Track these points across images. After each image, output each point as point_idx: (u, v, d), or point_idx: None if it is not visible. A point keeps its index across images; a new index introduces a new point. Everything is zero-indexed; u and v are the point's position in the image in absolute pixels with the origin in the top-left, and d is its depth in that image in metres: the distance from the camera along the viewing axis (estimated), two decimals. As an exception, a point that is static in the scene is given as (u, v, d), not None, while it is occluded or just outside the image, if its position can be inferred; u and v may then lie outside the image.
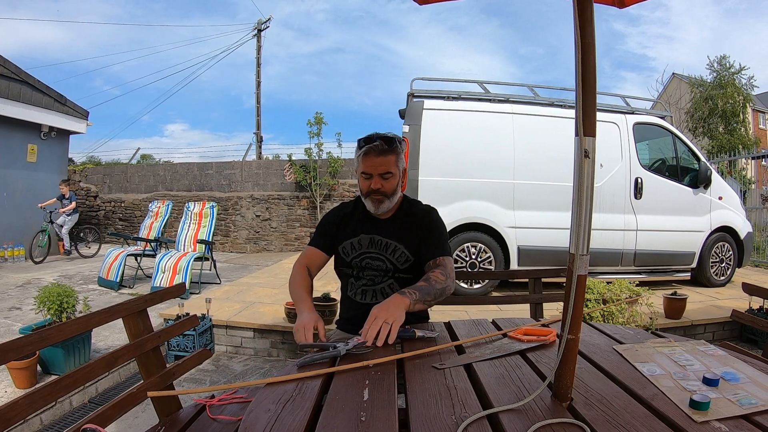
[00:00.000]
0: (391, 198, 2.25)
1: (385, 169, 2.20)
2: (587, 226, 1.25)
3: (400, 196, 2.39)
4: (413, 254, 2.26)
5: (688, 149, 7.12)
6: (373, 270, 2.29)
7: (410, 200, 2.45)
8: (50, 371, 3.90)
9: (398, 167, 2.25)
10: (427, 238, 2.27)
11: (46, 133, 10.91)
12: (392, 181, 2.22)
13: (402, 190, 2.37)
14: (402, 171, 2.30)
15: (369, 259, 2.30)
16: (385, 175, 2.20)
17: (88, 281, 7.93)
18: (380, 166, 2.20)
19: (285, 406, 1.27)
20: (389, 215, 2.35)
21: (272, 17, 18.26)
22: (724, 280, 7.26)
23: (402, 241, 2.27)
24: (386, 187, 2.21)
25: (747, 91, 19.63)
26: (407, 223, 2.31)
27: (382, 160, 2.20)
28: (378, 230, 2.31)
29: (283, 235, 12.56)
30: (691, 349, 1.69)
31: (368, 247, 2.31)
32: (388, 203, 2.25)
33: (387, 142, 2.20)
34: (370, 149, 2.19)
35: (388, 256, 2.27)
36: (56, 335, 1.62)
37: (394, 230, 2.30)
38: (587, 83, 1.24)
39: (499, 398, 1.29)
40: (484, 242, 6.34)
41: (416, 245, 2.27)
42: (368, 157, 2.21)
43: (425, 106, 6.45)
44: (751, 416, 1.20)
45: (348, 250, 2.34)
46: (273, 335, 4.97)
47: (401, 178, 2.30)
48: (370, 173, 2.22)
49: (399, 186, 2.28)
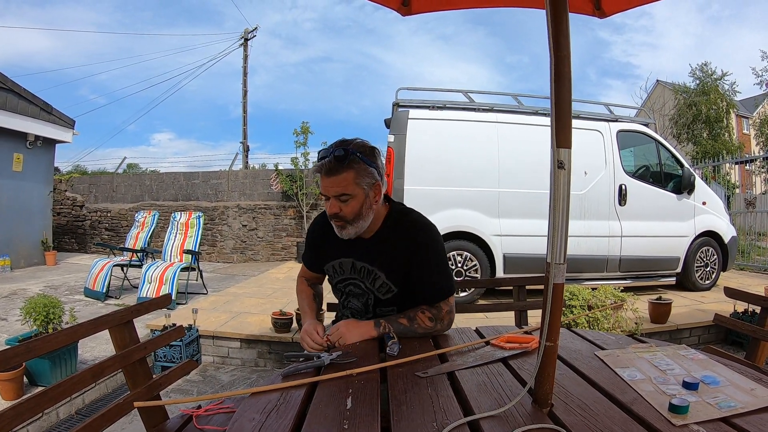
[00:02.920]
0: (355, 223, 1.92)
1: (340, 191, 1.87)
2: (563, 235, 1.27)
3: (384, 210, 2.07)
4: (396, 284, 2.00)
5: (672, 155, 7.21)
6: (355, 298, 2.13)
7: (399, 213, 2.09)
8: (37, 383, 3.87)
9: (360, 185, 1.88)
10: (420, 273, 1.98)
11: (32, 142, 10.81)
12: (352, 203, 1.88)
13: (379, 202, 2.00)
14: (371, 187, 1.91)
15: (351, 286, 2.12)
16: (341, 197, 1.87)
17: (74, 292, 7.86)
18: (332, 186, 1.87)
19: (269, 415, 1.28)
20: (371, 235, 2.04)
21: (259, 26, 18.27)
22: (709, 284, 7.33)
23: (383, 268, 1.99)
24: (345, 211, 1.89)
25: (730, 97, 19.85)
26: (391, 245, 2.00)
27: (333, 181, 1.86)
28: (359, 253, 2.05)
29: (269, 245, 12.52)
30: (672, 354, 1.71)
31: (350, 272, 2.10)
32: (353, 228, 1.94)
33: (339, 157, 1.83)
34: (319, 167, 1.88)
35: (369, 285, 2.05)
36: (43, 346, 1.62)
37: (375, 253, 2.02)
38: (562, 96, 1.26)
39: (480, 405, 1.31)
40: (469, 250, 6.37)
41: (401, 273, 1.99)
42: (321, 176, 1.89)
43: (410, 115, 6.49)
44: (730, 419, 1.22)
45: (332, 273, 2.18)
46: (260, 345, 4.96)
47: (370, 196, 1.92)
48: (326, 195, 1.92)
49: (366, 208, 1.92)
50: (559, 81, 1.27)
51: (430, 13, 2.34)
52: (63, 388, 1.61)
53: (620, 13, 2.21)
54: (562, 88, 1.27)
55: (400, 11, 2.23)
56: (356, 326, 1.94)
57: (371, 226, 1.99)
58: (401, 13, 2.24)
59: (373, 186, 1.92)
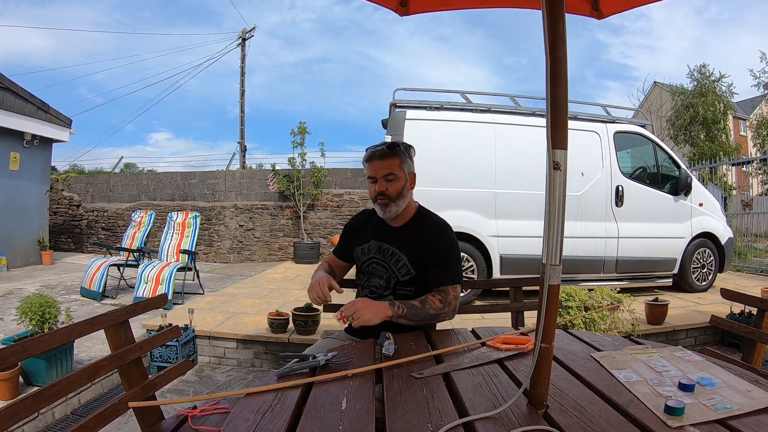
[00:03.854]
0: (397, 201, 2.30)
1: (387, 171, 2.27)
2: (559, 236, 1.27)
3: (415, 206, 2.47)
4: (415, 267, 2.29)
5: (669, 157, 7.21)
6: (377, 278, 2.38)
7: (425, 211, 2.49)
8: (32, 383, 3.86)
9: (403, 170, 2.30)
10: (434, 261, 2.28)
11: (28, 141, 10.77)
12: (396, 183, 2.28)
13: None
14: (409, 175, 2.35)
15: (375, 264, 2.40)
16: (388, 176, 2.27)
17: (70, 291, 7.84)
18: (382, 168, 2.27)
19: (264, 416, 1.28)
20: (402, 223, 2.40)
21: (257, 26, 18.18)
22: (706, 286, 7.34)
23: (406, 252, 2.30)
24: (390, 190, 2.27)
25: (727, 99, 19.86)
26: (417, 234, 2.34)
27: (384, 163, 2.28)
28: (387, 238, 2.38)
29: (266, 245, 12.49)
30: (668, 356, 1.71)
31: (376, 253, 2.39)
32: (395, 206, 2.30)
33: (389, 146, 2.30)
34: (372, 154, 2.30)
35: (392, 266, 2.33)
36: (38, 346, 1.61)
37: (402, 239, 2.34)
38: (557, 97, 1.26)
39: (475, 406, 1.31)
40: (466, 251, 6.35)
41: (420, 259, 2.29)
42: (371, 161, 2.30)
43: (407, 116, 6.47)
44: (726, 420, 1.23)
45: (359, 255, 2.47)
46: (256, 346, 4.96)
47: (408, 182, 2.34)
48: (374, 177, 2.30)
49: (406, 190, 2.32)
50: (555, 82, 1.27)
51: (429, 14, 2.35)
52: (58, 387, 1.61)
53: (618, 14, 2.22)
54: (558, 89, 1.27)
55: (398, 11, 2.24)
56: (372, 304, 2.10)
57: (403, 215, 2.39)
58: (399, 14, 2.25)
59: (411, 174, 2.38)
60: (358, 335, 2.31)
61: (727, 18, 67.86)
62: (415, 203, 2.47)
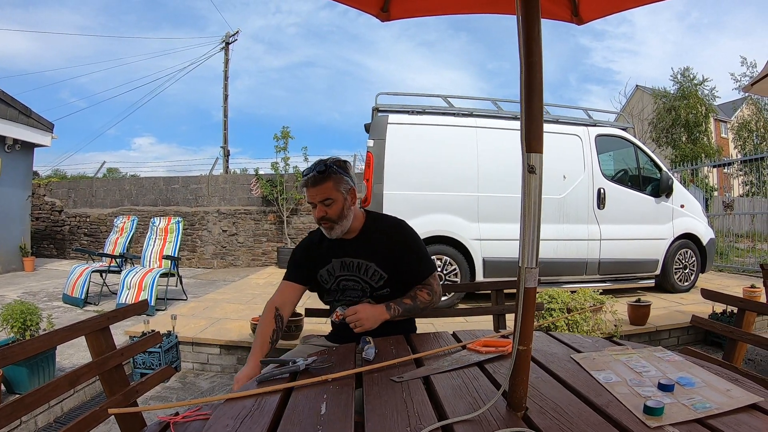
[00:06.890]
0: (340, 222, 2.29)
1: (324, 196, 2.26)
2: (535, 240, 1.28)
3: (362, 214, 2.45)
4: (387, 271, 2.31)
5: (650, 159, 7.28)
6: (352, 290, 2.36)
7: (375, 216, 2.50)
8: (14, 391, 3.80)
9: (339, 191, 2.28)
10: (407, 258, 2.33)
11: (10, 146, 10.65)
12: (334, 206, 2.27)
13: (366, 204, 2.43)
14: (348, 193, 2.31)
15: (344, 281, 2.37)
16: (325, 201, 2.26)
17: (52, 298, 7.75)
18: (318, 194, 2.27)
19: (243, 422, 1.28)
20: (354, 235, 2.39)
21: (240, 31, 18.10)
22: (688, 286, 7.40)
23: (372, 259, 2.32)
24: (330, 213, 2.27)
25: (709, 102, 20.13)
26: (375, 240, 2.35)
27: (317, 190, 2.26)
28: (347, 252, 2.36)
29: (250, 250, 12.44)
30: (648, 356, 1.72)
31: (341, 270, 2.37)
32: (339, 227, 2.30)
33: (320, 171, 2.26)
34: (305, 181, 2.30)
35: (362, 276, 2.33)
36: (19, 353, 1.61)
37: (364, 248, 2.34)
38: (532, 101, 1.27)
39: (454, 409, 1.31)
40: (449, 255, 6.37)
41: (390, 262, 2.31)
42: (307, 188, 2.31)
43: (390, 120, 6.47)
44: (705, 420, 1.24)
45: (325, 278, 2.41)
46: (239, 351, 4.92)
47: (348, 200, 2.32)
48: (313, 202, 2.30)
49: (346, 209, 2.31)
50: (529, 87, 1.28)
51: (413, 20, 2.37)
52: (38, 395, 1.60)
53: (599, 19, 2.24)
54: (533, 93, 1.27)
55: (380, 17, 2.25)
56: (372, 310, 2.17)
57: (353, 226, 2.37)
58: (381, 19, 2.26)
59: (350, 191, 2.32)
60: (337, 340, 2.34)
61: (708, 23, 68.60)
62: (360, 212, 2.46)
